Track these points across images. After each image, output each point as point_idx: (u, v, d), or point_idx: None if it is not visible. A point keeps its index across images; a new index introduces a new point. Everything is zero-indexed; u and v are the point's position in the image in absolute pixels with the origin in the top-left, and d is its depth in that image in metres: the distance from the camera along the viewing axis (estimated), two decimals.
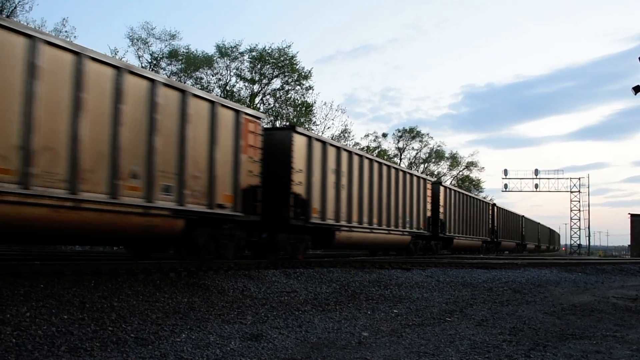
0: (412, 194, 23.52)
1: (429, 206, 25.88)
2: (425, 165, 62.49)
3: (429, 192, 26.04)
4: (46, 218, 9.15)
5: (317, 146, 16.48)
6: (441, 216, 27.84)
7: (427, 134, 63.52)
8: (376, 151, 54.07)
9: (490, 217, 39.28)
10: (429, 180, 26.86)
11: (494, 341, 6.83)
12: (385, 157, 50.98)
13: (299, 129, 16.04)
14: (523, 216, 54.06)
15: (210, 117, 12.50)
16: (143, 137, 10.88)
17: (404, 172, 23.19)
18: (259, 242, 15.19)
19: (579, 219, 74.84)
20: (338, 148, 17.95)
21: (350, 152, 18.72)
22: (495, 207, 41.54)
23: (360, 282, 12.21)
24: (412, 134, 60.87)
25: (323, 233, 17.31)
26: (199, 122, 12.20)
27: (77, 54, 9.57)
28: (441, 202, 27.94)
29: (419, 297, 10.82)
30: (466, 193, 34.82)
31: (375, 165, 20.46)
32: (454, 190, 31.29)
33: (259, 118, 14.33)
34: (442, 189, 28.40)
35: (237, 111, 13.40)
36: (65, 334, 5.90)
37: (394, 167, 22.25)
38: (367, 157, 20.05)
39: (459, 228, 31.05)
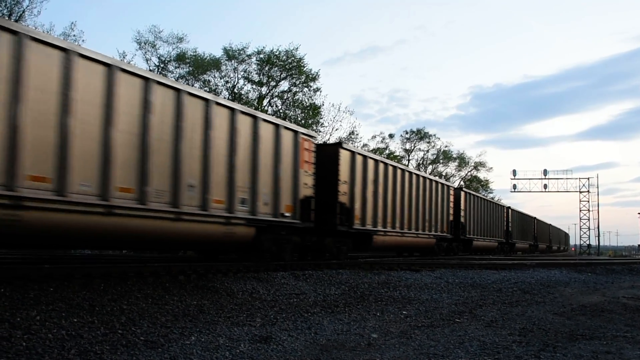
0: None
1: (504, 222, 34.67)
2: (434, 166, 62.38)
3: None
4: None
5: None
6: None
7: (435, 135, 63.22)
8: (385, 152, 53.98)
9: (533, 226, 50.31)
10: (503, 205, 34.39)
11: (504, 342, 6.81)
12: (395, 159, 50.81)
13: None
14: (550, 225, 62.51)
15: (436, 189, 25.40)
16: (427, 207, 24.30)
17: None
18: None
19: (589, 219, 74.31)
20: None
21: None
22: (536, 220, 52.59)
23: (369, 284, 12.20)
24: (419, 135, 60.76)
25: None
26: (427, 190, 24.17)
27: (388, 165, 20.74)
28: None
29: (428, 299, 10.79)
30: (521, 211, 45.16)
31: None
32: (515, 211, 41.85)
33: (459, 189, 29.47)
34: (510, 210, 38.11)
35: (446, 186, 27.02)
36: (75, 337, 5.92)
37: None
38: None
39: (519, 235, 41.80)
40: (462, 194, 29.61)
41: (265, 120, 13.59)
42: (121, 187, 9.82)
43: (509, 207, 41.83)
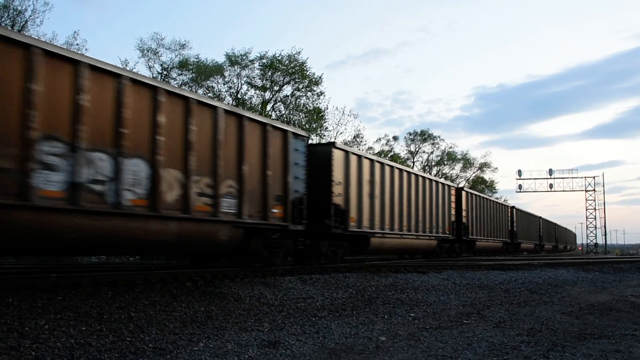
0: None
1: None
2: (438, 168, 62.27)
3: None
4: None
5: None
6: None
7: (439, 137, 63.07)
8: (389, 155, 53.92)
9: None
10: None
11: (512, 343, 6.80)
12: (398, 160, 50.62)
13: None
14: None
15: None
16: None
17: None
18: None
19: (595, 218, 74.11)
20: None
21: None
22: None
23: (376, 287, 12.20)
24: (423, 136, 60.67)
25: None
26: (486, 207, 33.31)
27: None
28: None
29: (436, 300, 10.78)
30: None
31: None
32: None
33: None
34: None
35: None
36: (83, 345, 5.94)
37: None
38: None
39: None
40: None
41: (436, 181, 24.55)
42: (399, 225, 20.41)
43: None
